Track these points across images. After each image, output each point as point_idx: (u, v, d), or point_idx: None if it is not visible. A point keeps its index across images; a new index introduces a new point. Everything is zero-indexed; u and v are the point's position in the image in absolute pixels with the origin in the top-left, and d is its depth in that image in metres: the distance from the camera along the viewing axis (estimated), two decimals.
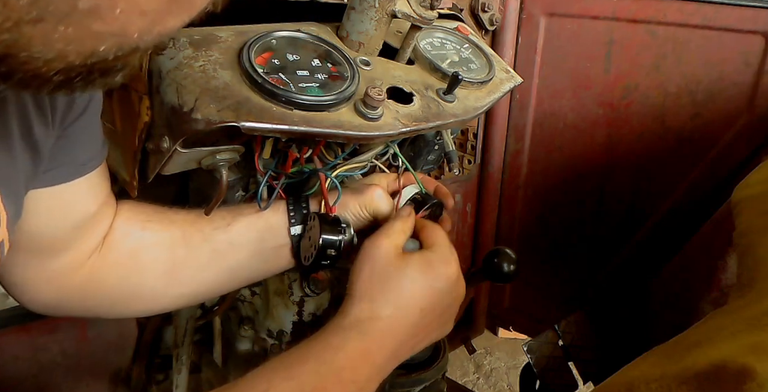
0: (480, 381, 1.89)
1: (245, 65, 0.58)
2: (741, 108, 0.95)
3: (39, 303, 0.63)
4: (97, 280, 0.64)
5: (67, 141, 0.53)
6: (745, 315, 0.45)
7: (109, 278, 0.64)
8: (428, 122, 0.68)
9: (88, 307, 0.66)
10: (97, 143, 0.58)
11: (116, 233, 0.65)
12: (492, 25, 1.08)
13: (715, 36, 0.95)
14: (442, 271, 0.61)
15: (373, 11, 0.68)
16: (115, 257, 0.65)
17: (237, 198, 0.76)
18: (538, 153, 1.21)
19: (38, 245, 0.58)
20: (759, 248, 0.52)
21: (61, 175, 0.54)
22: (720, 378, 0.38)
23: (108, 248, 0.64)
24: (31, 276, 0.60)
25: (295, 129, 0.58)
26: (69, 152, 0.54)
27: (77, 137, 0.54)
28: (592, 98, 1.11)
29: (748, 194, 0.61)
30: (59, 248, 0.59)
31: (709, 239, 0.88)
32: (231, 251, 0.68)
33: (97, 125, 0.58)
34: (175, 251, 0.66)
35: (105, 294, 0.65)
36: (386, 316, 0.58)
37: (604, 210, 1.16)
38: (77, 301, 0.65)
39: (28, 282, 0.61)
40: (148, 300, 0.68)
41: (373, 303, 0.59)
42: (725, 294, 0.78)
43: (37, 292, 0.62)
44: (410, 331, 0.60)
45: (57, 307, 0.65)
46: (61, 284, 0.62)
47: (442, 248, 0.63)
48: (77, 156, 0.55)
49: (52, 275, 0.61)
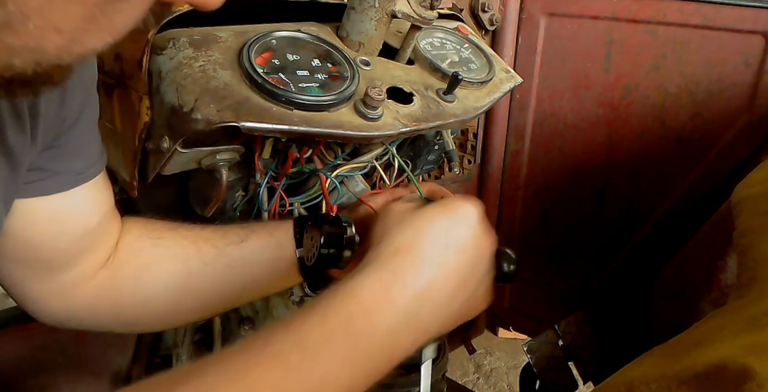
0: (480, 381, 1.89)
1: (245, 65, 0.58)
2: (741, 108, 0.95)
3: (49, 316, 0.63)
4: (109, 294, 0.63)
5: (61, 150, 0.53)
6: (745, 315, 0.45)
7: (122, 292, 0.64)
8: (428, 122, 0.68)
9: (100, 321, 0.66)
10: (94, 152, 0.58)
11: (127, 250, 0.64)
12: (492, 25, 1.08)
13: (715, 36, 0.95)
14: (463, 213, 0.54)
15: (373, 11, 0.68)
16: (127, 271, 0.64)
17: (237, 198, 0.76)
18: (538, 153, 1.21)
19: (40, 258, 0.57)
20: (759, 248, 0.52)
21: (58, 184, 0.54)
22: (720, 378, 0.38)
23: (119, 263, 0.64)
24: (38, 290, 0.60)
25: (295, 129, 0.58)
26: (65, 161, 0.54)
27: (73, 146, 0.54)
28: (592, 98, 1.11)
29: (748, 194, 0.61)
30: (62, 261, 0.59)
31: (709, 239, 0.88)
32: (244, 266, 0.67)
33: (95, 133, 0.58)
34: (189, 264, 0.66)
35: (117, 309, 0.65)
36: (405, 247, 0.50)
37: (604, 210, 1.16)
38: (88, 315, 0.64)
39: (36, 296, 0.61)
40: (160, 314, 0.67)
41: (390, 238, 0.51)
42: (725, 294, 0.78)
43: (46, 306, 0.62)
44: (438, 271, 0.50)
45: (68, 321, 0.64)
46: (69, 298, 0.61)
47: (458, 199, 0.57)
48: (74, 165, 0.55)
49: (58, 289, 0.60)
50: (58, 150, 0.53)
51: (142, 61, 0.59)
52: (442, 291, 0.51)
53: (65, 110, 0.51)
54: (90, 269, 0.62)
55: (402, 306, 0.47)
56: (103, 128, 0.62)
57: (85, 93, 0.54)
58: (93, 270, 0.62)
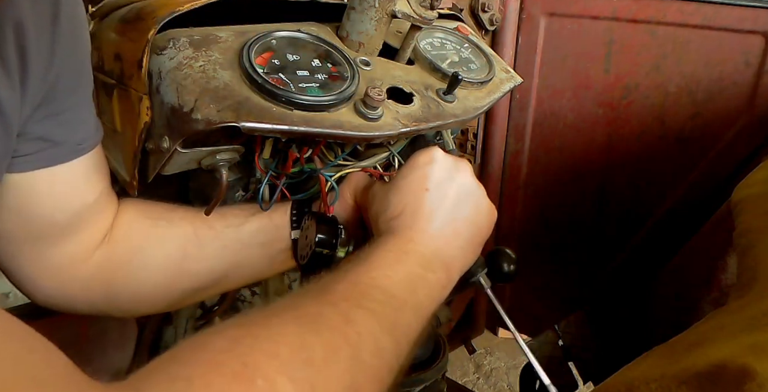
0: (480, 381, 1.89)
1: (245, 65, 0.58)
2: (741, 108, 0.95)
3: (44, 296, 0.63)
4: (104, 275, 0.64)
5: (62, 117, 0.54)
6: (745, 314, 0.45)
7: (117, 273, 0.64)
8: (428, 122, 0.68)
9: (93, 302, 0.66)
10: (91, 124, 0.59)
11: (124, 230, 0.65)
12: (492, 25, 1.08)
13: (715, 36, 0.95)
14: (447, 164, 0.62)
15: (373, 11, 0.68)
16: (123, 252, 0.64)
17: (237, 198, 0.76)
18: (538, 153, 1.21)
19: (37, 232, 0.58)
20: (759, 248, 0.52)
21: (59, 155, 0.55)
22: (720, 378, 0.38)
23: (116, 243, 0.64)
24: (33, 268, 0.60)
25: (295, 129, 0.58)
26: (66, 131, 0.55)
27: (72, 115, 0.55)
28: (592, 98, 1.11)
29: (748, 194, 0.61)
30: (58, 235, 0.59)
31: (709, 239, 0.88)
32: (240, 249, 0.68)
33: (90, 104, 0.59)
34: (186, 246, 0.66)
35: (111, 290, 0.65)
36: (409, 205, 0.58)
37: (604, 210, 1.16)
38: (82, 296, 0.64)
39: (31, 274, 0.61)
40: (154, 296, 0.67)
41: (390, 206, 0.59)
42: (725, 293, 0.78)
43: (43, 287, 0.62)
44: (445, 215, 0.58)
45: (61, 302, 0.64)
46: (63, 277, 0.62)
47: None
48: (74, 135, 0.56)
49: (54, 268, 0.61)
50: (58, 118, 0.53)
51: (142, 61, 0.59)
52: (459, 238, 0.60)
53: (56, 67, 0.51)
54: (85, 247, 0.62)
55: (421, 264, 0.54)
56: (103, 128, 0.62)
57: (80, 62, 0.56)
58: (88, 249, 0.62)
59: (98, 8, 0.71)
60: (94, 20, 0.71)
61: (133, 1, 0.67)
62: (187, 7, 0.60)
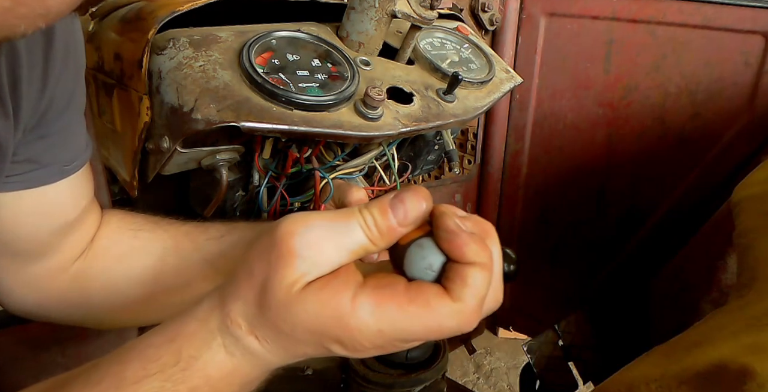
0: (480, 381, 1.89)
1: (245, 65, 0.58)
2: (741, 108, 0.95)
3: (21, 307, 0.62)
4: (82, 286, 0.62)
5: (51, 140, 0.53)
6: (745, 315, 0.45)
7: (94, 283, 0.63)
8: (428, 122, 0.68)
9: (70, 314, 0.64)
10: (80, 143, 0.57)
11: (105, 241, 0.64)
12: (492, 25, 1.08)
13: (715, 36, 0.95)
14: None
15: (373, 11, 0.68)
16: (102, 263, 0.63)
17: (237, 198, 0.76)
18: (538, 153, 1.21)
19: (16, 249, 0.57)
20: (759, 248, 0.52)
21: (45, 176, 0.54)
22: (720, 378, 0.38)
23: (95, 254, 0.63)
24: (11, 281, 0.59)
25: (295, 129, 0.58)
26: (54, 152, 0.54)
27: (61, 136, 0.54)
28: (592, 98, 1.11)
29: (748, 194, 0.61)
30: (39, 252, 0.58)
31: (709, 239, 0.88)
32: (222, 261, 0.65)
33: (81, 124, 0.57)
34: (165, 260, 0.64)
35: (88, 301, 0.63)
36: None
37: (604, 210, 1.16)
38: (58, 307, 0.63)
39: (9, 287, 0.60)
40: (134, 309, 0.65)
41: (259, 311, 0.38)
42: (725, 293, 0.78)
43: (18, 296, 0.61)
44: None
45: (38, 313, 0.63)
46: (41, 289, 0.61)
47: None
48: (62, 156, 0.55)
49: (32, 279, 0.60)
50: (47, 140, 0.52)
51: (142, 61, 0.59)
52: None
53: (48, 92, 0.50)
54: (65, 260, 0.61)
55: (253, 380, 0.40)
56: (103, 128, 0.62)
57: (73, 82, 0.54)
58: (68, 261, 0.61)
59: (98, 8, 0.71)
60: (94, 20, 0.71)
61: (133, 1, 0.67)
62: (187, 7, 0.60)
